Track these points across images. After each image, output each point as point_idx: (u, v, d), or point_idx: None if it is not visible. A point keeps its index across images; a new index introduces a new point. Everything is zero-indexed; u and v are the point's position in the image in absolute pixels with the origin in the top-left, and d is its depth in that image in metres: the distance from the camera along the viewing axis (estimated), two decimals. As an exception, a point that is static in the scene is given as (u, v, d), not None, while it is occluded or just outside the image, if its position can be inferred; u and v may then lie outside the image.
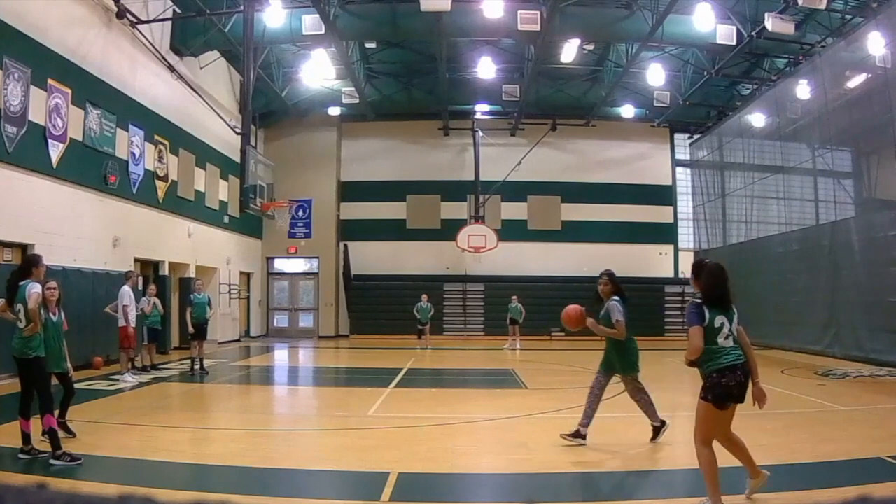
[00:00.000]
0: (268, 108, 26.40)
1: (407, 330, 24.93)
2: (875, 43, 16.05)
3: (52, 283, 7.62)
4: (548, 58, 21.93)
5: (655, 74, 22.77)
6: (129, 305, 13.81)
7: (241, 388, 14.52)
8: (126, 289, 13.93)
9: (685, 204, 28.64)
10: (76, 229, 15.69)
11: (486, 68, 23.65)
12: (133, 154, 18.23)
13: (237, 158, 25.36)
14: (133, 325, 13.91)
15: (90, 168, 16.27)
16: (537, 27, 19.05)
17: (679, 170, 29.07)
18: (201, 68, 22.09)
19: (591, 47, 23.87)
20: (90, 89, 16.19)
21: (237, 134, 19.25)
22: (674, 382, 13.03)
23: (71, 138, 15.39)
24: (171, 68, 19.31)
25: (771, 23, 17.44)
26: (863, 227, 16.45)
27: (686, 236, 28.48)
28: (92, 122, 16.31)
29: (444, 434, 8.89)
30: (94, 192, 16.45)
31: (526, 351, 21.93)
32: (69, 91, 15.23)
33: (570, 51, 21.86)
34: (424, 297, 23.19)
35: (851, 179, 19.51)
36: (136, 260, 18.42)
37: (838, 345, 16.55)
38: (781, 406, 10.30)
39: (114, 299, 14.07)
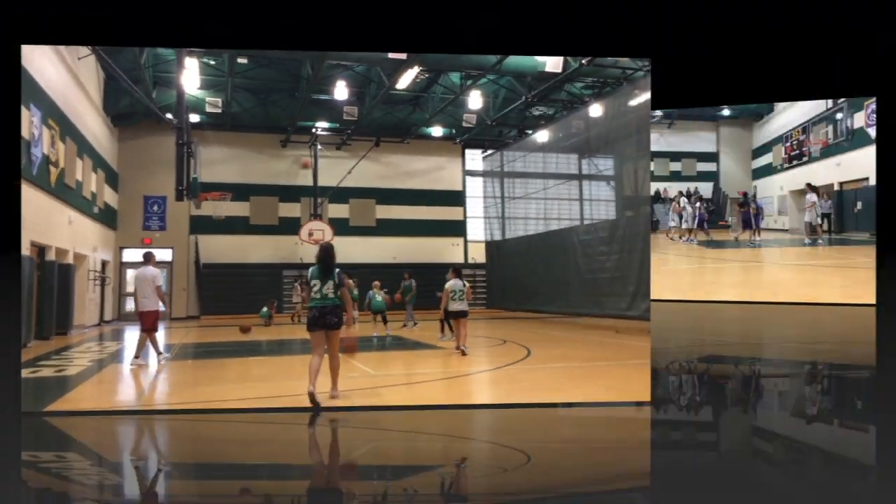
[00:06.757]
0: (132, 108, 29.29)
1: (251, 310, 28.34)
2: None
3: None
4: (388, 84, 27.34)
5: (474, 100, 29.21)
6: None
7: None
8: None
9: (473, 205, 36.41)
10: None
11: (341, 91, 28.96)
12: (34, 135, 17.95)
13: (106, 156, 28.09)
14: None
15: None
16: (404, 56, 24.78)
17: (468, 178, 36.77)
18: (79, 59, 23.01)
19: (426, 75, 29.73)
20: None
21: (174, 128, 20.67)
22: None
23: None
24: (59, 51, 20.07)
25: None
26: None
27: (475, 230, 36.14)
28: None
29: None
30: None
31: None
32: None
33: (408, 77, 26.94)
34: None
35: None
36: (33, 244, 18.02)
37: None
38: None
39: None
